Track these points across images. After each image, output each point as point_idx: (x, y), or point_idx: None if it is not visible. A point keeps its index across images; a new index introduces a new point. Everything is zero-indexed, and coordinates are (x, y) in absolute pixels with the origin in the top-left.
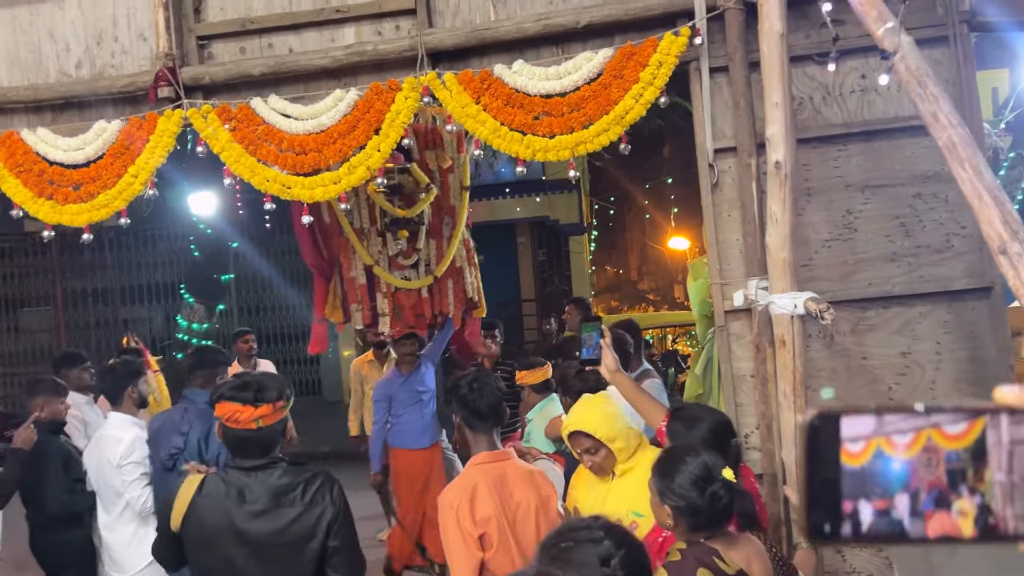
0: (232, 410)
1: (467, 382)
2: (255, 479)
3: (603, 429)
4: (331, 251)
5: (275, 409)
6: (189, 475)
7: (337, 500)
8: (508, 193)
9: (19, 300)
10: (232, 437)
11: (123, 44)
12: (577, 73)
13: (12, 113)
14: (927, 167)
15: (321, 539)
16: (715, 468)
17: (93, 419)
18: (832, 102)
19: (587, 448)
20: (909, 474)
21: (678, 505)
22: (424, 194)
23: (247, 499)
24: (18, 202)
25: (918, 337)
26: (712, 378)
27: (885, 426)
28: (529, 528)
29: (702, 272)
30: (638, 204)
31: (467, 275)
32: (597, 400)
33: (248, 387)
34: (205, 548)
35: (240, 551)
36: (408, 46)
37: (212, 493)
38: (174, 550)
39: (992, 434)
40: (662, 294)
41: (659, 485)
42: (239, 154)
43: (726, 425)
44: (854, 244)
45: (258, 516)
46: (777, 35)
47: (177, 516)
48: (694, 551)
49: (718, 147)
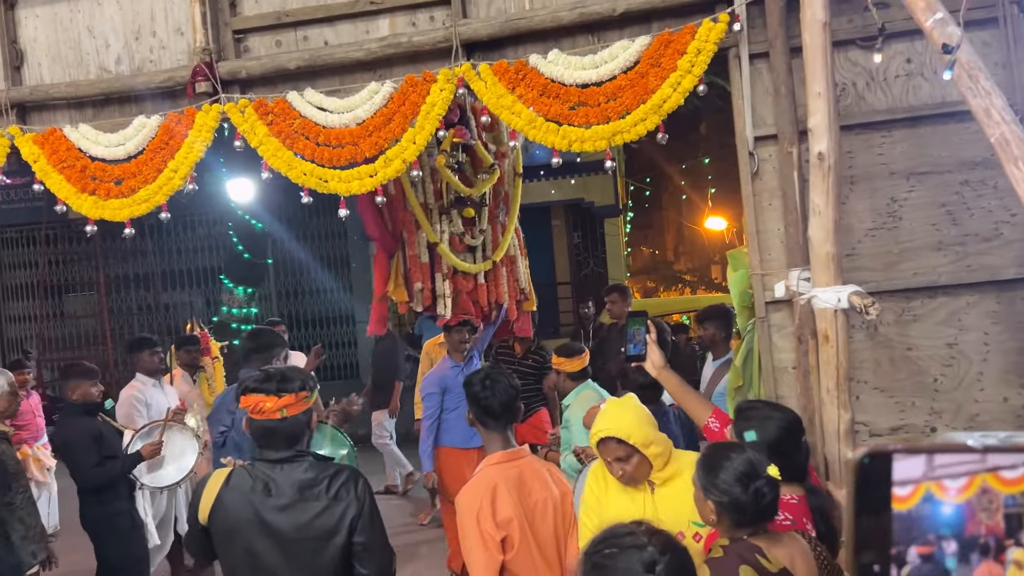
0: (256, 401)
1: (480, 379)
2: (281, 472)
3: (638, 434)
4: (395, 225)
5: (298, 399)
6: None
7: (362, 496)
8: (542, 175)
9: (64, 286)
10: (258, 428)
11: (161, 39)
12: (613, 62)
13: (54, 109)
14: (975, 153)
15: (345, 535)
16: (760, 465)
17: (159, 400)
18: (876, 87)
19: (619, 456)
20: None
21: (721, 501)
22: (487, 175)
23: (272, 493)
24: (62, 197)
25: (965, 328)
26: (752, 370)
27: (936, 470)
28: (547, 526)
29: (742, 262)
30: (674, 184)
31: (520, 264)
32: (627, 403)
33: (271, 378)
34: (232, 541)
35: (265, 544)
36: (443, 37)
37: (238, 486)
38: (204, 543)
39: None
40: (699, 275)
41: (703, 480)
42: (276, 148)
43: (797, 423)
44: (898, 233)
45: (283, 510)
46: (820, 24)
47: (205, 509)
48: (736, 548)
49: (758, 135)
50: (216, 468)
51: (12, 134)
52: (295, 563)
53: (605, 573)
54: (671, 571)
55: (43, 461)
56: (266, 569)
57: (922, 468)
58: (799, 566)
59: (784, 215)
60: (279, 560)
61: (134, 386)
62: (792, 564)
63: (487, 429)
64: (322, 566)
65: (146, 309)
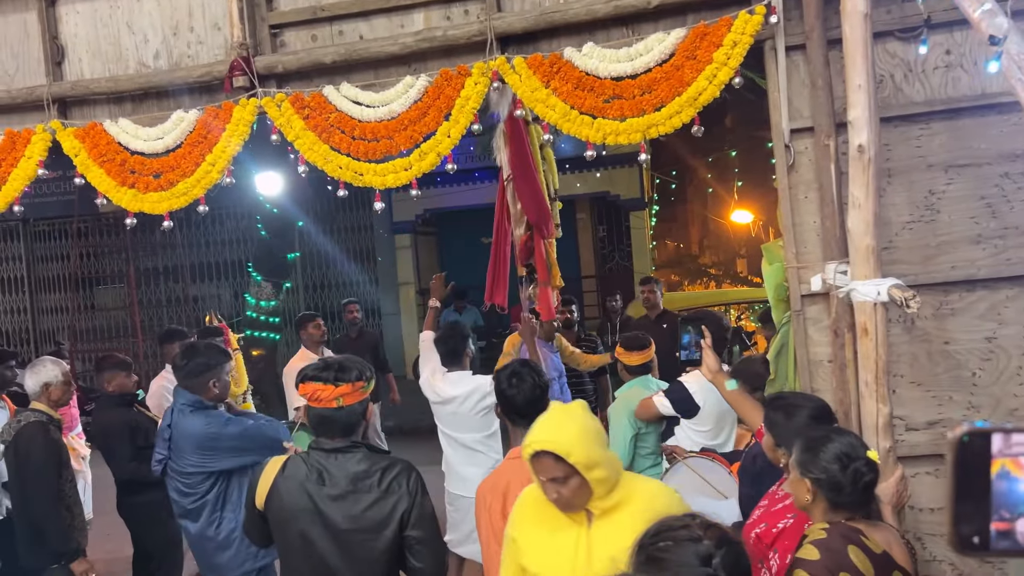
0: (314, 389)
1: (506, 375)
2: (335, 462)
3: (580, 452)
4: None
5: (355, 389)
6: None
7: (413, 490)
8: (568, 168)
9: (95, 279)
10: (315, 417)
11: (199, 34)
12: (649, 55)
13: (95, 104)
14: (1016, 145)
15: (395, 528)
16: (859, 447)
17: None
18: (914, 79)
19: (555, 476)
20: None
21: (819, 478)
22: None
23: (326, 482)
24: (102, 191)
25: (1004, 322)
26: (786, 363)
27: (1012, 447)
28: None
29: (777, 255)
30: (700, 177)
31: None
32: (574, 412)
33: (330, 368)
34: (286, 527)
35: (319, 532)
36: (477, 31)
37: (294, 474)
38: (260, 527)
39: None
40: (724, 268)
41: (802, 458)
42: (313, 142)
43: (826, 410)
44: (936, 226)
45: (335, 500)
46: (860, 15)
47: (261, 495)
48: (839, 529)
49: (794, 127)
50: None
51: (54, 128)
52: (347, 553)
53: (660, 566)
54: (728, 564)
55: (78, 450)
56: (319, 556)
57: (999, 444)
58: (896, 552)
59: (820, 208)
60: (331, 548)
61: (164, 376)
62: (891, 549)
63: (512, 424)
64: (373, 558)
65: (175, 301)
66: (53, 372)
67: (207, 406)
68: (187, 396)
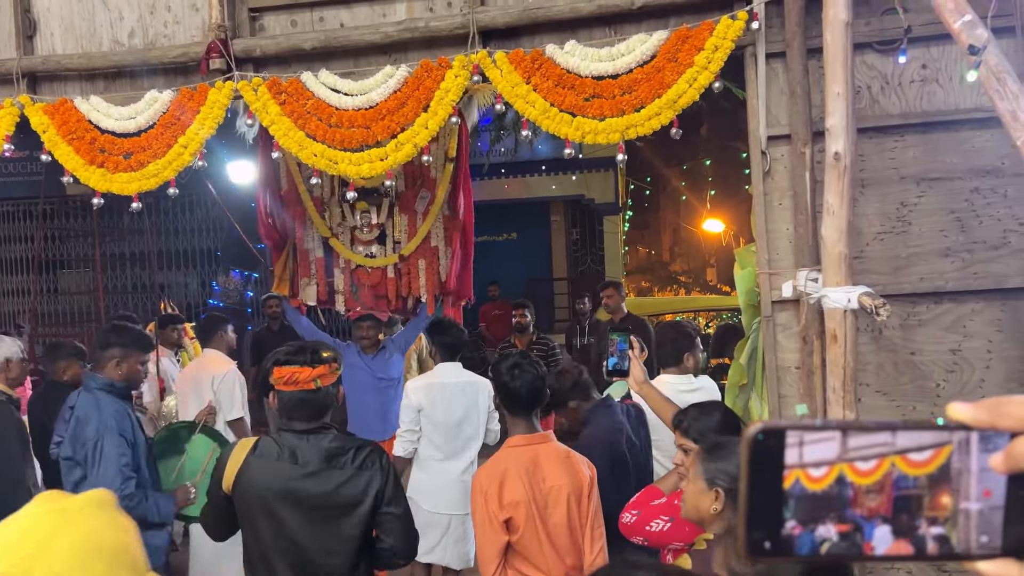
0: (291, 372)
1: (507, 367)
2: (307, 442)
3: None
4: (284, 221)
5: (331, 370)
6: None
7: (386, 467)
8: (544, 170)
9: (59, 262)
10: (289, 400)
11: (176, 14)
12: (630, 55)
13: (66, 80)
14: (987, 161)
15: (369, 505)
16: None
17: (174, 372)
18: (890, 92)
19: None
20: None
21: (732, 488)
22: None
23: (299, 461)
24: (70, 169)
25: (969, 334)
26: (756, 368)
27: (849, 452)
28: (559, 513)
29: (749, 260)
30: (673, 185)
31: (441, 257)
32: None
33: (304, 350)
34: (256, 509)
35: (291, 512)
36: (460, 23)
37: (266, 453)
38: (224, 513)
39: (957, 460)
40: (694, 276)
41: (708, 467)
42: (288, 128)
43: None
44: (907, 237)
45: (309, 477)
46: (842, 23)
47: (230, 476)
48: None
49: (771, 134)
50: None
51: (22, 103)
52: (318, 530)
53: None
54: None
55: None
56: (288, 537)
57: (836, 451)
58: None
59: (794, 215)
60: (303, 527)
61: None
62: None
63: (512, 414)
64: (345, 534)
65: (141, 288)
66: (12, 348)
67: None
68: (98, 380)
